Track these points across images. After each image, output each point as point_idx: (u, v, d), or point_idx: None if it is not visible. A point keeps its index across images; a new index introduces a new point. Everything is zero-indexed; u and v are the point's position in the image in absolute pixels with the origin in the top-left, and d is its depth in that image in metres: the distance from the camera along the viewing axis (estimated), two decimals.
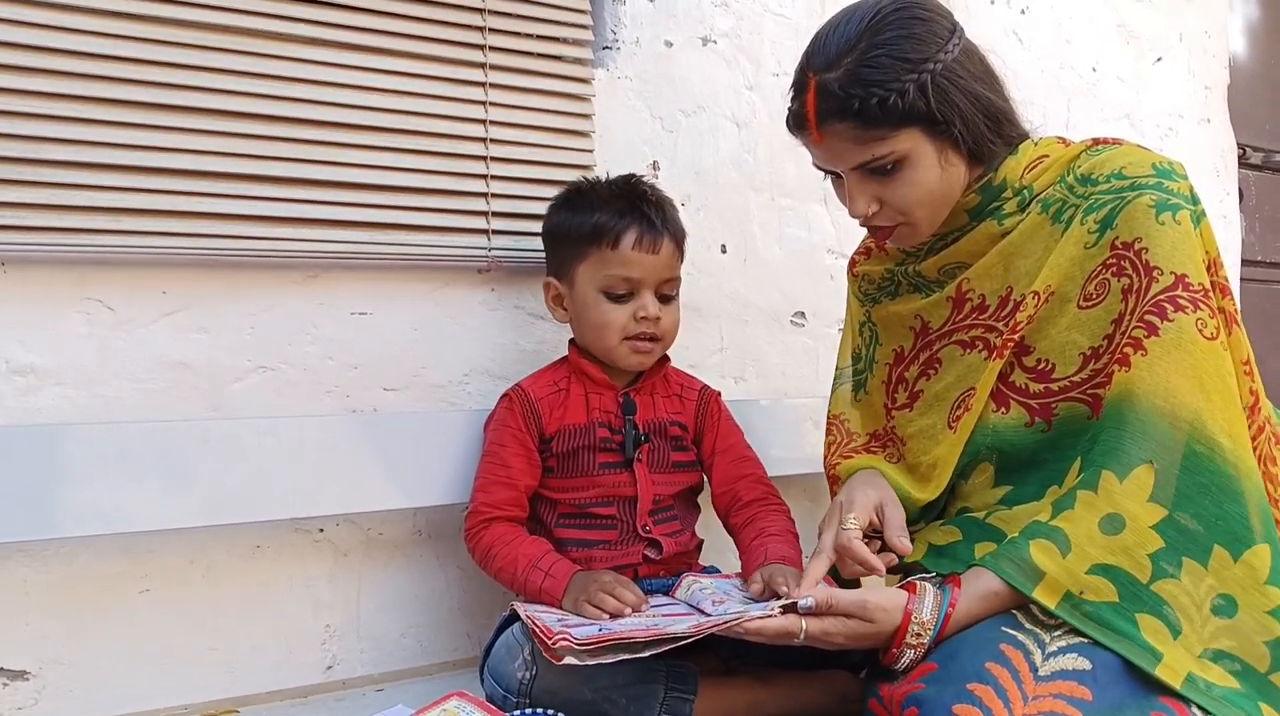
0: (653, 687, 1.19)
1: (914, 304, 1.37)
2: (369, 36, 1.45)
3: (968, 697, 0.98)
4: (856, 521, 1.21)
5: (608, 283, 1.38)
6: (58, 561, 1.29)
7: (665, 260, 1.40)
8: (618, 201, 1.39)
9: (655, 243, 1.38)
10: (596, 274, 1.38)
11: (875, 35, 1.18)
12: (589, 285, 1.39)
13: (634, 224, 1.37)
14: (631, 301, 1.39)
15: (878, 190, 1.24)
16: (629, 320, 1.38)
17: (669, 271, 1.41)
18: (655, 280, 1.39)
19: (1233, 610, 1.06)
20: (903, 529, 1.23)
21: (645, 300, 1.39)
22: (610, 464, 1.40)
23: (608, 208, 1.38)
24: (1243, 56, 2.99)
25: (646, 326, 1.39)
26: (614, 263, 1.37)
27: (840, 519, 1.22)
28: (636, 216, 1.37)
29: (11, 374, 1.26)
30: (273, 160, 1.38)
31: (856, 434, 1.43)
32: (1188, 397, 1.10)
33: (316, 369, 1.45)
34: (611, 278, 1.38)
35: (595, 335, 1.40)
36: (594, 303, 1.39)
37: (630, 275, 1.38)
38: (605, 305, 1.38)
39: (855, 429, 1.44)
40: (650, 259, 1.38)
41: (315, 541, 1.46)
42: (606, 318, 1.38)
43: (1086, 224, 1.21)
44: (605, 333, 1.39)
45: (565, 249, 1.41)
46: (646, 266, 1.38)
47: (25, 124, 1.24)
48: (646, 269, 1.38)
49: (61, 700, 1.29)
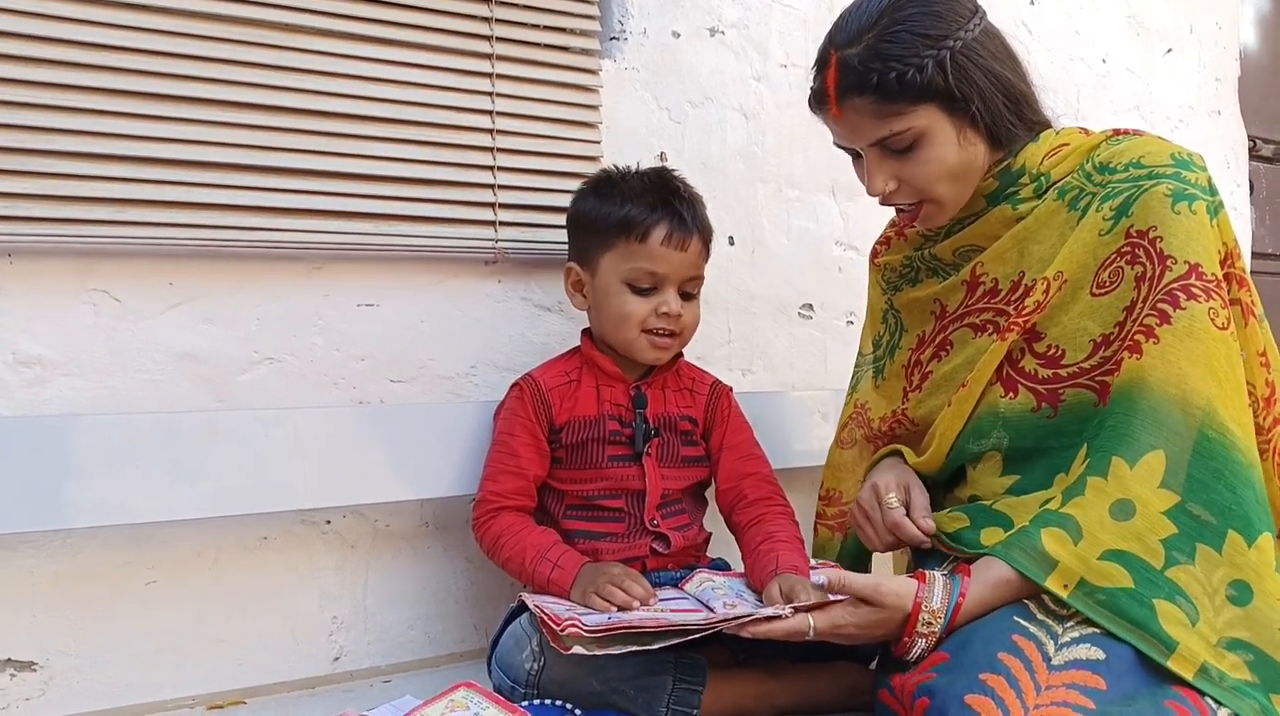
0: (661, 679, 1.19)
1: (932, 288, 1.38)
2: (375, 27, 1.45)
3: (980, 687, 0.97)
4: (898, 498, 1.27)
5: (632, 275, 1.37)
6: (65, 552, 1.29)
7: (692, 258, 1.39)
8: (649, 194, 1.38)
9: (684, 240, 1.38)
10: (622, 265, 1.37)
11: (897, 12, 1.20)
12: (612, 275, 1.38)
13: (664, 219, 1.36)
14: (654, 296, 1.38)
15: (896, 168, 1.24)
16: (650, 314, 1.38)
17: (694, 269, 1.41)
18: (680, 277, 1.39)
19: (1248, 597, 1.05)
20: (927, 510, 1.26)
21: (668, 296, 1.38)
22: (619, 457, 1.40)
23: (639, 200, 1.37)
24: (1254, 48, 2.97)
25: (667, 322, 1.38)
26: (641, 256, 1.36)
27: (882, 500, 1.28)
28: (668, 212, 1.37)
29: (18, 365, 1.26)
30: (278, 151, 1.38)
31: (873, 420, 1.45)
32: (1200, 385, 1.10)
33: (323, 360, 1.45)
34: (637, 270, 1.37)
35: (614, 325, 1.40)
36: (616, 293, 1.38)
37: (656, 270, 1.37)
38: (627, 296, 1.38)
39: (873, 415, 1.46)
40: (678, 256, 1.37)
41: (322, 533, 1.45)
42: (627, 308, 1.38)
43: (1102, 212, 1.21)
44: (625, 324, 1.38)
45: (591, 236, 1.40)
46: (673, 263, 1.37)
47: (30, 114, 1.23)
48: (673, 265, 1.37)
49: (69, 691, 1.29)
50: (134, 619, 1.33)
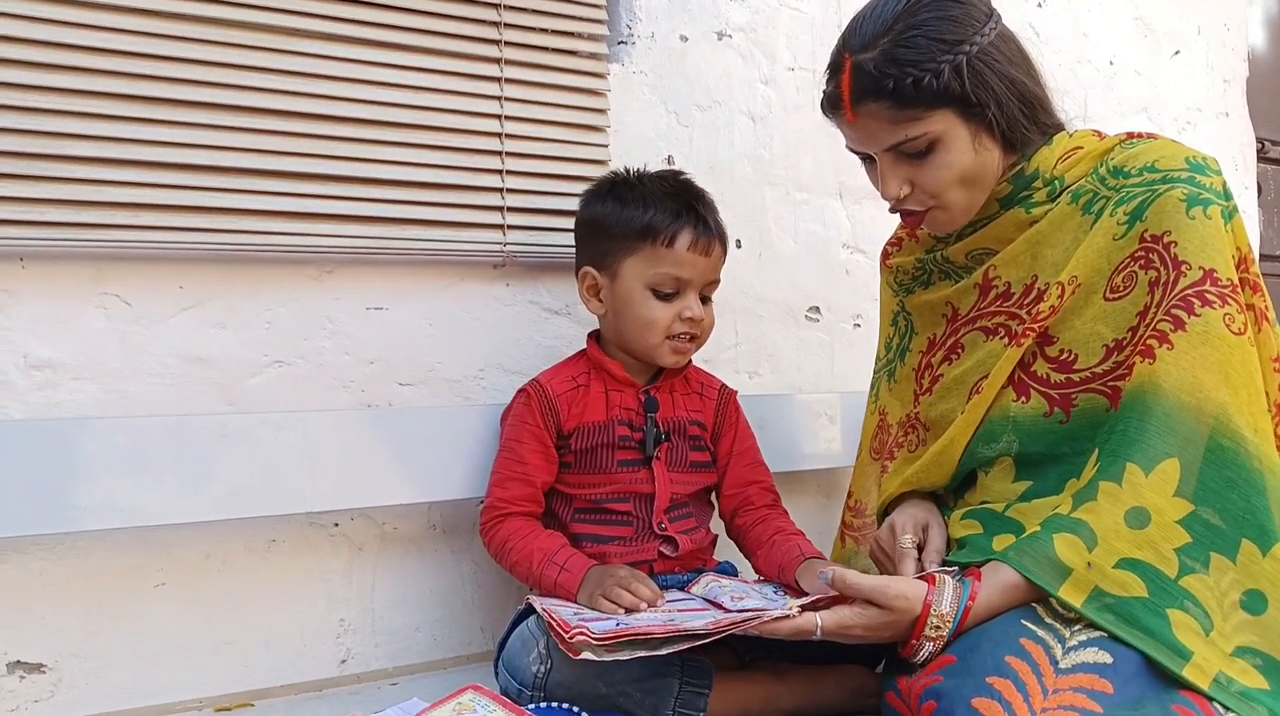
0: (668, 682, 1.19)
1: (944, 291, 1.38)
2: (384, 32, 1.45)
3: (987, 691, 0.97)
4: (912, 541, 1.25)
5: (657, 280, 1.37)
6: (74, 555, 1.30)
7: (714, 263, 1.41)
8: (671, 200, 1.38)
9: (708, 245, 1.38)
10: (646, 270, 1.37)
11: (912, 16, 1.19)
12: (636, 280, 1.38)
13: (689, 225, 1.37)
14: (677, 301, 1.38)
15: (910, 173, 1.24)
16: (674, 319, 1.38)
17: (714, 273, 1.42)
18: (702, 282, 1.40)
19: (1262, 606, 1.05)
20: (941, 553, 1.24)
21: (690, 300, 1.39)
22: (629, 461, 1.40)
23: (662, 205, 1.37)
24: (1262, 49, 2.96)
25: (690, 327, 1.39)
26: (667, 261, 1.37)
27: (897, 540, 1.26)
28: (692, 218, 1.38)
29: (30, 368, 1.27)
30: (288, 156, 1.38)
31: (892, 426, 1.45)
32: (1214, 392, 1.10)
33: (332, 364, 1.45)
34: (662, 276, 1.37)
35: (638, 331, 1.40)
36: (640, 299, 1.38)
37: (681, 275, 1.37)
38: (652, 302, 1.38)
39: (891, 421, 1.46)
40: (702, 261, 1.38)
41: (330, 536, 1.46)
42: (653, 315, 1.38)
43: (1116, 216, 1.20)
44: (650, 330, 1.39)
45: (611, 241, 1.40)
46: (698, 268, 1.38)
47: (42, 119, 1.24)
48: (698, 270, 1.38)
49: (77, 693, 1.29)
50: (143, 621, 1.34)
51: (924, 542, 1.26)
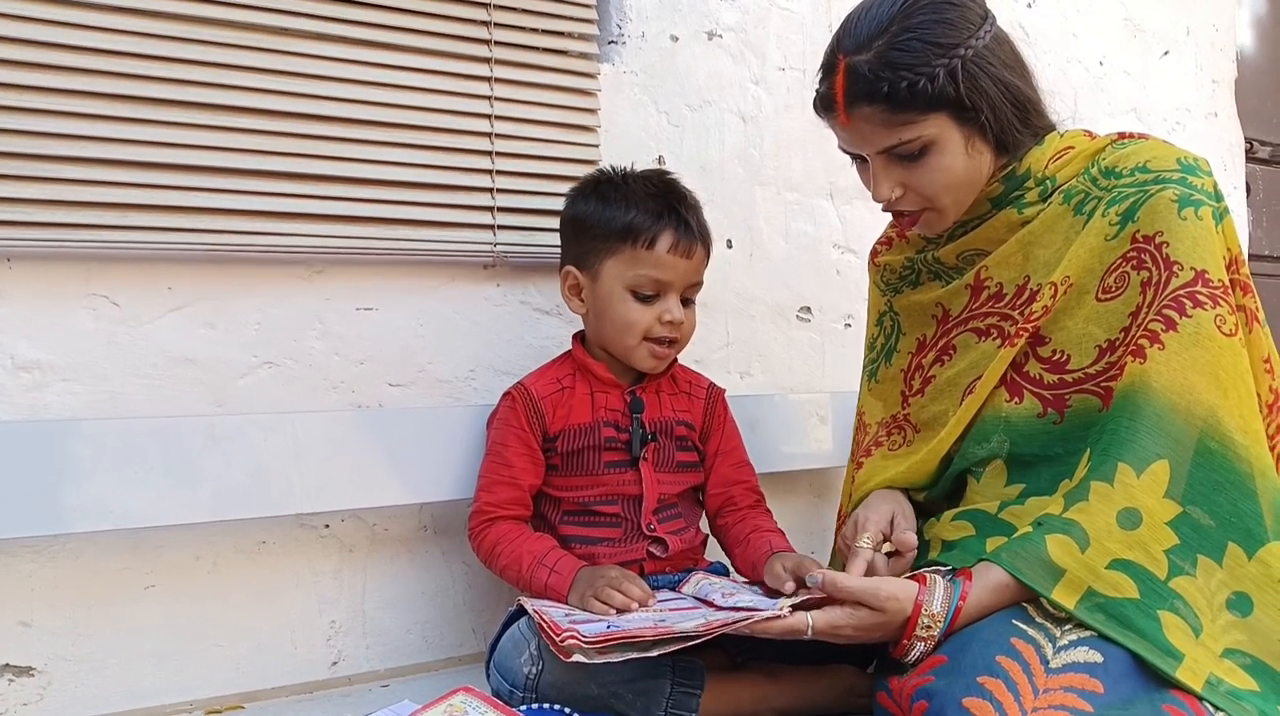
0: (659, 682, 1.19)
1: (935, 292, 1.38)
2: (374, 31, 1.45)
3: (978, 690, 0.97)
4: (870, 540, 1.24)
5: (637, 282, 1.37)
6: (64, 557, 1.29)
7: (695, 265, 1.40)
8: (654, 201, 1.37)
9: (690, 248, 1.37)
10: (626, 271, 1.37)
11: (907, 19, 1.18)
12: (615, 281, 1.37)
13: (671, 227, 1.36)
14: (657, 303, 1.38)
15: (902, 175, 1.24)
16: (653, 322, 1.37)
17: (696, 276, 1.41)
18: (683, 284, 1.39)
19: (1248, 608, 1.05)
20: (910, 526, 1.24)
21: (670, 303, 1.38)
22: (615, 463, 1.40)
23: (644, 206, 1.36)
24: (1250, 50, 2.97)
25: (669, 330, 1.38)
26: (647, 263, 1.36)
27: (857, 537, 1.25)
28: (674, 219, 1.36)
29: (18, 370, 1.26)
30: (278, 155, 1.38)
31: (870, 426, 1.44)
32: (1204, 394, 1.10)
33: (322, 364, 1.45)
34: (642, 277, 1.36)
35: (616, 332, 1.39)
36: (619, 300, 1.38)
37: (661, 277, 1.37)
38: (630, 303, 1.37)
39: (870, 421, 1.45)
40: (684, 263, 1.37)
41: (321, 537, 1.45)
42: (631, 316, 1.37)
43: (1108, 216, 1.20)
44: (628, 332, 1.38)
45: (592, 241, 1.39)
46: (679, 270, 1.37)
47: (30, 119, 1.23)
48: (678, 273, 1.37)
49: (67, 696, 1.29)
50: (133, 623, 1.33)
51: (890, 533, 1.25)
